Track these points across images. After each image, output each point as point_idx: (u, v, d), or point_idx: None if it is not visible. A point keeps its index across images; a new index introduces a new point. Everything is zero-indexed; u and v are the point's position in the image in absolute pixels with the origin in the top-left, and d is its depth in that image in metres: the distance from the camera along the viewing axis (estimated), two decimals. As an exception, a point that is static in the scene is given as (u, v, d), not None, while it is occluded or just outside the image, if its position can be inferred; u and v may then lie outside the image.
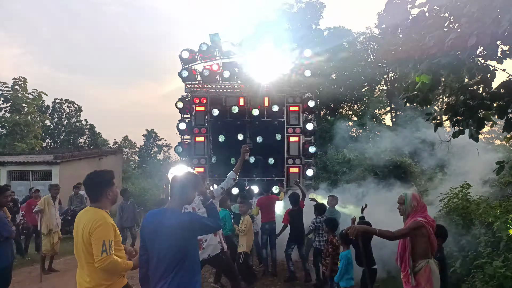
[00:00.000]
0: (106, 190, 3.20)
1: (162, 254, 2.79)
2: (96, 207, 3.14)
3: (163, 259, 2.79)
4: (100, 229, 2.95)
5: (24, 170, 17.26)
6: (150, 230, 2.88)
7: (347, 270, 5.01)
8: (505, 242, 4.63)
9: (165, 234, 2.80)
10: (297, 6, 30.28)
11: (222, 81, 10.56)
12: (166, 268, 2.77)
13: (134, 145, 49.56)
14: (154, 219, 2.93)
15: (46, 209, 8.18)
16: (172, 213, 2.89)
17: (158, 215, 2.96)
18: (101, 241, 2.91)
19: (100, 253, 2.90)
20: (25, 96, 29.64)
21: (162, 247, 2.80)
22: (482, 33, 4.17)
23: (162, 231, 2.81)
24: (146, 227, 2.94)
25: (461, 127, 5.80)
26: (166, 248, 2.78)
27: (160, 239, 2.80)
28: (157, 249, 2.81)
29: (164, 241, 2.79)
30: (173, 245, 2.78)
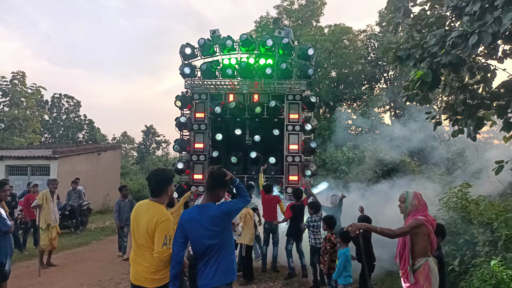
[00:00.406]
0: (167, 187, 3.48)
1: (208, 241, 3.21)
2: (157, 202, 3.44)
3: (209, 245, 3.22)
4: (165, 223, 3.30)
5: (22, 165, 17.23)
6: (193, 224, 3.26)
7: (345, 268, 5.02)
8: (503, 241, 4.64)
9: (207, 223, 3.22)
10: (297, 3, 30.21)
11: (221, 77, 10.53)
12: (212, 251, 3.22)
13: (133, 141, 49.58)
14: (193, 214, 3.31)
15: (45, 203, 8.17)
16: (211, 206, 3.29)
17: (194, 211, 3.35)
18: (164, 235, 3.26)
19: (161, 246, 3.24)
20: (24, 90, 29.59)
21: (207, 235, 3.22)
22: (483, 32, 4.17)
23: (205, 223, 3.22)
24: (189, 222, 3.28)
25: (460, 126, 5.81)
26: (211, 236, 3.22)
27: (205, 229, 3.22)
28: (203, 238, 3.23)
29: (208, 230, 3.22)
30: (217, 232, 3.23)
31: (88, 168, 19.19)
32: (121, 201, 9.49)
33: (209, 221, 3.23)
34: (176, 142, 10.33)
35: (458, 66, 4.77)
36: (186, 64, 10.38)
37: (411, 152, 13.97)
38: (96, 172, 19.82)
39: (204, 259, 3.26)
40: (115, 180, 21.99)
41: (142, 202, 3.58)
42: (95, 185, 18.81)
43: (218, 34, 10.33)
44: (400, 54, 5.23)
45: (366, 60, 28.43)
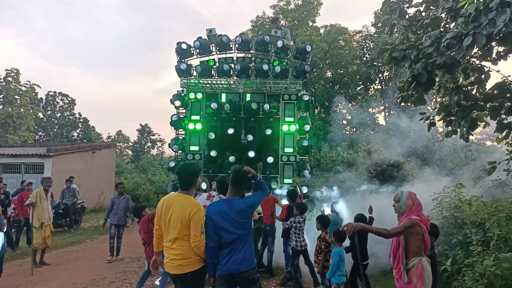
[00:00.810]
0: (195, 180, 3.75)
1: (237, 231, 3.61)
2: (187, 194, 3.71)
3: (238, 235, 3.61)
4: (199, 213, 3.57)
5: (16, 163, 17.10)
6: (221, 216, 3.62)
7: (339, 267, 5.05)
8: (495, 241, 4.69)
9: (235, 215, 3.62)
10: (294, 3, 30.26)
11: (217, 76, 10.53)
12: (240, 240, 3.62)
13: (128, 140, 49.37)
14: (221, 207, 3.66)
15: (38, 202, 8.12)
16: (238, 200, 3.69)
17: (222, 204, 3.70)
18: (200, 224, 3.55)
19: (199, 234, 3.53)
20: (18, 88, 29.35)
21: (236, 226, 3.61)
22: (478, 34, 4.20)
23: (233, 215, 3.61)
24: (217, 214, 3.63)
25: (454, 127, 5.86)
26: (240, 227, 3.63)
27: (233, 220, 3.61)
28: (232, 228, 3.60)
29: (235, 222, 3.61)
30: (244, 223, 3.66)
31: (82, 166, 19.09)
32: (116, 198, 9.10)
33: (237, 214, 3.62)
34: (173, 141, 10.29)
35: (453, 67, 4.81)
36: (181, 62, 10.36)
37: (405, 152, 14.06)
38: (91, 170, 19.73)
39: (230, 247, 3.62)
40: (109, 179, 21.90)
41: (171, 195, 3.80)
42: (90, 183, 18.73)
43: (215, 33, 10.32)
44: (395, 55, 5.26)
45: (361, 61, 28.55)
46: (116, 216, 8.87)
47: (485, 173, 5.64)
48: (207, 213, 3.67)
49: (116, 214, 8.88)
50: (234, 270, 3.60)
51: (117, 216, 8.86)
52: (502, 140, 5.78)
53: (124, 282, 7.15)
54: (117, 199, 9.06)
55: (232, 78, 10.57)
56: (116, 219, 8.87)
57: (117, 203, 8.97)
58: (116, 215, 8.87)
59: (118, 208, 8.92)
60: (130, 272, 7.94)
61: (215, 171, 10.54)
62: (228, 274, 3.61)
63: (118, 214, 8.87)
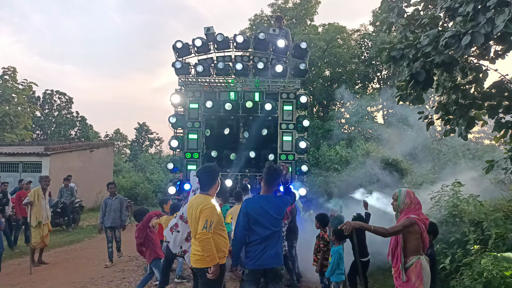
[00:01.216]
0: (214, 182, 3.97)
1: (273, 228, 3.79)
2: (205, 194, 3.93)
3: (274, 231, 3.80)
4: (208, 211, 3.76)
5: (14, 162, 17.05)
6: (259, 212, 3.81)
7: (338, 265, 5.06)
8: (493, 240, 4.71)
9: (273, 212, 3.81)
10: (292, 2, 30.23)
11: (216, 75, 10.51)
12: (272, 237, 3.79)
13: (126, 138, 49.30)
14: (259, 203, 3.87)
15: (36, 201, 8.11)
16: (274, 197, 3.94)
17: (260, 200, 3.92)
18: (205, 220, 3.72)
19: (201, 229, 3.70)
20: (15, 86, 29.23)
21: (272, 222, 3.80)
22: (476, 33, 4.21)
23: (271, 211, 3.81)
24: (255, 210, 3.82)
25: (452, 126, 5.87)
26: (276, 223, 3.83)
27: (270, 217, 3.81)
28: (268, 224, 3.79)
29: (274, 218, 3.82)
30: (279, 220, 3.88)
31: (80, 165, 19.06)
32: (108, 199, 8.53)
33: (275, 210, 3.82)
34: (171, 140, 10.27)
35: (451, 66, 4.82)
36: (179, 60, 10.34)
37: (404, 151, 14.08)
38: (89, 169, 19.70)
39: (264, 243, 3.76)
40: (107, 178, 21.84)
41: (194, 196, 4.13)
42: (87, 182, 18.70)
43: (213, 31, 10.31)
44: (394, 54, 5.26)
45: (359, 59, 28.54)
46: (109, 218, 8.38)
47: (484, 171, 5.65)
48: (244, 208, 3.86)
49: (109, 216, 8.38)
50: (268, 265, 3.75)
51: (110, 217, 8.37)
52: (500, 139, 5.80)
53: (123, 281, 7.15)
54: (109, 200, 8.54)
55: (231, 76, 10.57)
56: (110, 221, 8.38)
57: (110, 204, 8.46)
58: (109, 217, 8.38)
59: (111, 209, 8.42)
60: (128, 271, 7.94)
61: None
62: (262, 269, 3.76)
63: (112, 215, 8.38)
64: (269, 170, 3.98)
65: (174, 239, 4.77)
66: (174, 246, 4.80)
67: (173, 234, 4.79)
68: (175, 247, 4.79)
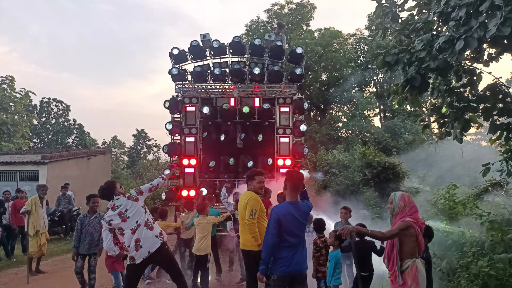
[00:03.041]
0: (252, 182, 4.82)
1: (301, 233, 3.99)
2: (250, 191, 4.82)
3: (302, 236, 4.00)
4: (252, 201, 4.67)
5: (11, 170, 16.97)
6: (289, 218, 3.90)
7: (336, 270, 5.05)
8: (490, 242, 4.72)
9: (301, 218, 3.97)
10: (288, 7, 30.40)
11: (212, 81, 10.55)
12: (302, 241, 3.98)
13: (123, 145, 49.15)
14: (288, 210, 3.94)
15: (33, 209, 8.08)
16: (301, 204, 4.07)
17: (289, 207, 3.99)
18: (251, 209, 4.62)
19: (248, 215, 4.62)
20: (13, 95, 29.18)
21: (301, 227, 3.98)
22: (469, 37, 4.25)
23: (300, 217, 3.96)
24: (286, 216, 3.90)
25: (447, 128, 5.90)
26: (303, 228, 4.03)
27: (299, 222, 3.95)
28: (297, 230, 3.94)
29: (302, 224, 3.99)
30: (305, 225, 4.12)
31: (78, 173, 19.00)
32: (86, 217, 6.49)
33: (302, 216, 3.99)
34: (165, 146, 10.27)
35: (445, 70, 4.86)
36: (174, 67, 10.38)
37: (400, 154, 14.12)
38: (86, 177, 19.63)
39: (294, 248, 3.91)
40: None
41: (243, 193, 4.97)
42: (85, 190, 18.50)
43: (209, 38, 10.36)
44: (388, 59, 5.30)
45: (356, 64, 28.68)
46: (85, 242, 6.35)
47: (480, 174, 5.67)
48: (274, 214, 3.95)
49: (85, 239, 6.36)
50: (298, 270, 3.92)
51: (86, 242, 6.35)
52: (495, 141, 5.83)
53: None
54: (86, 218, 6.49)
55: (227, 82, 10.61)
56: (86, 247, 6.35)
57: (87, 225, 6.42)
58: (85, 241, 6.36)
59: (88, 232, 6.38)
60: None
61: (211, 176, 10.55)
62: (292, 274, 3.89)
63: (88, 239, 6.37)
64: (292, 176, 4.12)
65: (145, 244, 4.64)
66: (153, 243, 4.67)
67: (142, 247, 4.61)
68: (154, 241, 4.67)
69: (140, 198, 4.71)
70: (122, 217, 4.59)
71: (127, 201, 4.65)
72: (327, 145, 21.83)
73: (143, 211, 4.70)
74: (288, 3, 30.28)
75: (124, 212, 4.60)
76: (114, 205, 4.66)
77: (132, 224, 4.59)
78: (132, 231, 4.57)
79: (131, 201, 4.66)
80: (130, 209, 4.61)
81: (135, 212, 4.62)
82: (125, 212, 4.60)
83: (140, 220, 4.63)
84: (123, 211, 4.60)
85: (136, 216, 4.62)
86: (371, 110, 28.78)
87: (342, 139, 24.08)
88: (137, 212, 4.64)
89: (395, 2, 6.35)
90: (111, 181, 4.99)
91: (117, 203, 4.65)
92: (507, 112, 5.42)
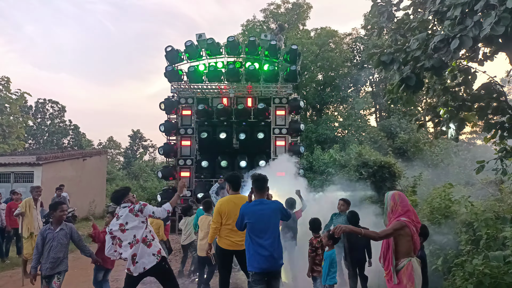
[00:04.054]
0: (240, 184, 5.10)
1: (269, 225, 4.32)
2: (240, 194, 5.02)
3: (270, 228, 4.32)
4: None
5: (5, 172, 16.86)
6: (256, 214, 4.31)
7: (331, 269, 5.06)
8: (485, 240, 4.73)
9: (269, 213, 4.36)
10: (284, 7, 30.41)
11: (208, 81, 10.54)
12: (272, 232, 4.32)
13: (119, 146, 48.96)
14: (256, 207, 4.36)
15: (28, 211, 8.01)
16: (268, 202, 4.50)
17: (257, 204, 4.39)
18: None
19: None
20: (8, 96, 29.02)
21: (269, 221, 4.34)
22: (464, 36, 4.26)
23: (266, 212, 4.33)
24: (252, 213, 4.32)
25: (442, 127, 5.92)
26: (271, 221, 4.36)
27: (266, 216, 4.33)
28: (264, 223, 4.30)
29: (269, 217, 4.35)
30: (275, 220, 4.44)
31: (73, 174, 18.89)
32: (49, 231, 5.20)
33: (272, 213, 4.45)
34: (163, 147, 10.24)
35: (440, 69, 4.87)
36: (171, 67, 10.36)
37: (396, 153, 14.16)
38: (82, 178, 19.53)
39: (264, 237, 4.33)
40: (101, 186, 21.71)
41: (229, 197, 4.99)
42: (81, 191, 18.52)
43: (204, 37, 10.35)
44: (384, 59, 5.30)
45: (352, 63, 28.75)
46: (48, 261, 5.12)
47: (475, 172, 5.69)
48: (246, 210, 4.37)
49: (48, 257, 5.12)
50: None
51: (49, 261, 5.12)
52: (490, 139, 5.85)
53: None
54: (49, 231, 5.20)
55: (223, 82, 10.61)
56: (48, 266, 5.12)
57: (51, 239, 5.15)
58: (48, 259, 5.12)
59: (51, 247, 5.13)
60: (122, 280, 7.84)
61: (207, 177, 10.53)
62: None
63: (51, 256, 5.12)
64: (256, 179, 4.50)
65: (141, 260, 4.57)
66: (149, 260, 4.60)
67: (138, 262, 4.55)
68: (150, 259, 4.60)
69: (140, 215, 4.61)
70: (122, 228, 4.55)
71: (128, 214, 4.57)
72: (323, 145, 21.85)
73: (143, 227, 4.61)
74: (284, 2, 30.32)
75: (124, 224, 4.56)
76: (118, 214, 4.64)
77: (130, 237, 4.54)
78: (130, 245, 4.52)
79: (131, 215, 4.58)
80: (130, 222, 4.56)
81: (134, 227, 4.56)
82: (125, 224, 4.56)
83: (139, 236, 4.55)
84: (124, 223, 4.56)
85: (135, 231, 4.55)
86: (367, 109, 28.85)
87: (338, 139, 24.11)
88: (136, 227, 4.56)
89: (391, 1, 6.36)
90: (124, 188, 4.96)
91: (120, 213, 4.62)
92: (501, 111, 5.44)
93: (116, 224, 4.56)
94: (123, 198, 4.71)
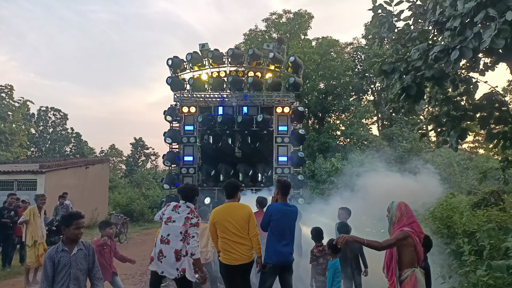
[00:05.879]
0: (238, 192, 4.91)
1: (290, 224, 4.87)
2: (235, 201, 4.80)
3: (291, 227, 4.88)
4: (253, 214, 4.73)
5: (8, 180, 16.89)
6: (282, 212, 4.81)
7: (334, 278, 5.03)
8: (488, 250, 4.72)
9: (291, 214, 4.90)
10: (285, 17, 30.65)
11: (211, 90, 10.61)
12: (290, 235, 4.85)
13: (121, 154, 49.04)
14: (283, 207, 4.86)
15: (32, 220, 8.03)
16: (290, 205, 5.02)
17: (283, 205, 4.89)
18: (255, 221, 4.64)
19: (254, 227, 4.63)
20: (11, 104, 29.20)
21: (291, 220, 4.89)
22: (464, 47, 4.31)
23: (289, 213, 4.86)
24: (278, 211, 4.81)
25: (444, 137, 5.95)
26: (292, 221, 4.91)
27: (289, 216, 4.87)
28: (287, 221, 4.84)
29: (292, 218, 4.91)
30: (295, 221, 4.99)
31: (75, 182, 18.93)
32: (63, 254, 3.84)
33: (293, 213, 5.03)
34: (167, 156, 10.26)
35: (441, 79, 4.92)
36: (174, 76, 10.44)
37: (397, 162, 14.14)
38: (84, 186, 19.56)
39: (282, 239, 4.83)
40: (103, 194, 21.72)
41: (224, 206, 4.79)
42: (83, 199, 18.53)
43: (207, 47, 10.44)
44: (385, 68, 5.36)
45: (353, 72, 28.84)
46: None
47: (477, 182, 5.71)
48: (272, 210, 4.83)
49: None
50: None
51: None
52: (492, 149, 5.87)
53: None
54: (64, 254, 3.86)
55: (226, 91, 10.67)
56: None
57: (66, 264, 3.78)
58: None
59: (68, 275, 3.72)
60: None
61: (210, 185, 10.54)
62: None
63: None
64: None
65: (165, 265, 4.62)
66: (171, 271, 4.62)
67: (161, 262, 4.62)
68: (172, 271, 4.62)
69: (187, 226, 4.66)
70: (169, 220, 4.73)
71: (182, 216, 4.72)
72: (325, 153, 21.84)
73: (181, 238, 4.65)
74: (286, 12, 30.53)
75: (172, 221, 4.73)
76: (178, 207, 4.82)
77: (167, 232, 4.68)
78: (162, 239, 4.65)
79: (183, 218, 4.70)
80: (177, 223, 4.69)
81: (175, 230, 4.66)
82: (173, 221, 4.72)
83: (174, 244, 4.62)
84: (173, 219, 4.74)
85: (174, 234, 4.65)
86: (369, 118, 28.88)
87: (340, 147, 24.10)
88: (175, 232, 4.66)
89: (391, 12, 6.43)
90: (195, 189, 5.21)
91: (180, 209, 4.80)
92: (503, 120, 5.47)
93: (169, 213, 4.77)
94: (194, 198, 4.99)
